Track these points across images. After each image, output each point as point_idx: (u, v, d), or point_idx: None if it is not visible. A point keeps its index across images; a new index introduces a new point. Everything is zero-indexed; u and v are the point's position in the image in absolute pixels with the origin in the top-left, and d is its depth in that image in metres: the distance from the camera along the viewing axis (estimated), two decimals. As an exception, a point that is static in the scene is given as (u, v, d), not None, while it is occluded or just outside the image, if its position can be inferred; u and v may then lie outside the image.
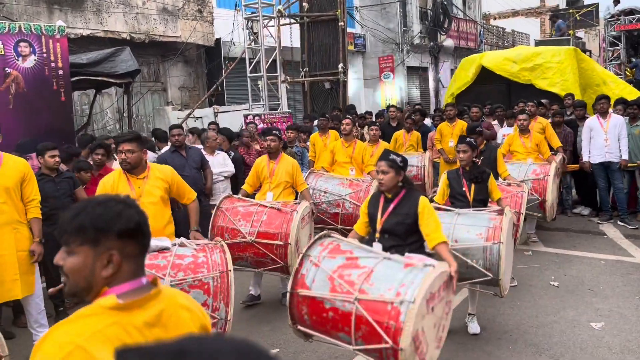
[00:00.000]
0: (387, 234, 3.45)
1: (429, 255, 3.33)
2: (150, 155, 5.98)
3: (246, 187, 5.34)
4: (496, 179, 5.68)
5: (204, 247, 3.53)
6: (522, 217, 5.16)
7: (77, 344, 1.20)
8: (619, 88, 10.80)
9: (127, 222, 1.32)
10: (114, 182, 3.81)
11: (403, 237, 3.42)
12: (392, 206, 3.47)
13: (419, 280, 2.75)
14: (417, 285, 2.71)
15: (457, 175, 4.66)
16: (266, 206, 4.82)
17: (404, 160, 3.52)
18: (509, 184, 5.47)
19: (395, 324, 2.66)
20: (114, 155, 6.43)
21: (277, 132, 5.48)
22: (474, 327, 4.42)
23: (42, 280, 4.80)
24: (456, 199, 4.61)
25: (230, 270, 3.39)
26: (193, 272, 3.31)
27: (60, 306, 5.04)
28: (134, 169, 3.79)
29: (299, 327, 3.13)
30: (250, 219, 4.71)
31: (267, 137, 5.39)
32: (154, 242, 3.36)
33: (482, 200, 4.59)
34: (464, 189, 4.57)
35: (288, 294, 3.12)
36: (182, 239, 3.61)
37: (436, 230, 3.36)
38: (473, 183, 4.56)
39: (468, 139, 4.55)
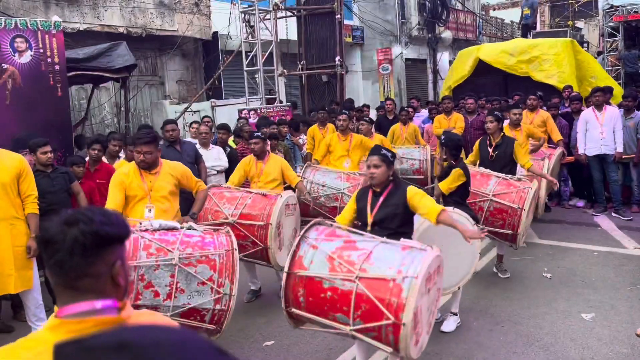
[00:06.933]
0: (378, 226, 3.53)
1: None
2: None
3: (230, 184, 5.33)
4: (514, 173, 5.56)
5: (211, 231, 3.69)
6: (524, 214, 5.06)
7: None
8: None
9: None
10: (129, 174, 4.07)
11: (394, 227, 3.49)
12: (381, 199, 3.56)
13: (419, 258, 2.84)
14: (418, 263, 2.80)
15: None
16: (252, 192, 4.97)
17: (394, 155, 3.62)
18: (519, 179, 5.38)
19: (397, 300, 2.72)
20: (119, 154, 6.44)
21: (259, 134, 5.54)
22: (449, 324, 4.41)
23: (40, 275, 4.86)
24: None
25: (235, 249, 3.55)
26: (200, 249, 3.45)
27: (58, 300, 5.09)
28: (150, 167, 4.05)
29: (293, 309, 3.16)
30: (235, 202, 4.87)
31: (251, 141, 5.47)
32: (164, 223, 3.58)
33: (456, 195, 4.53)
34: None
35: (284, 275, 3.14)
36: (191, 223, 3.77)
37: (432, 205, 3.44)
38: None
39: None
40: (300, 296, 3.08)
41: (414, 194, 3.49)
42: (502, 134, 5.66)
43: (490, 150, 5.65)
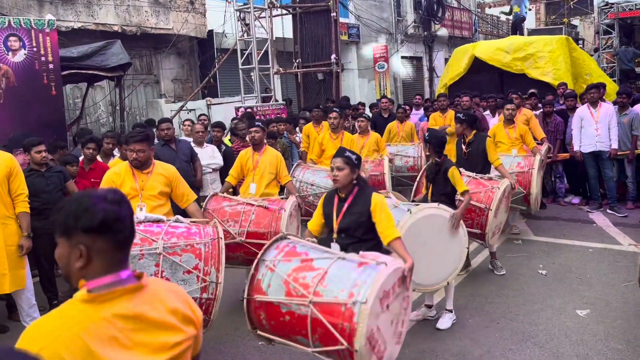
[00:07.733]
0: (344, 233, 3.42)
1: (387, 252, 3.27)
2: None
3: (229, 178, 5.33)
4: (488, 172, 5.68)
5: (198, 224, 3.68)
6: (490, 214, 5.05)
7: (48, 341, 1.25)
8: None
9: (90, 219, 1.34)
10: (120, 173, 4.05)
11: (359, 235, 3.39)
12: (346, 205, 3.44)
13: (370, 279, 2.73)
14: (368, 285, 2.70)
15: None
16: (253, 204, 4.79)
17: (359, 158, 3.48)
18: (490, 178, 5.40)
19: (349, 325, 2.65)
20: (113, 152, 6.42)
21: (260, 124, 5.47)
22: (444, 322, 4.41)
23: (34, 274, 4.85)
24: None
25: (220, 238, 3.52)
26: (185, 238, 3.45)
27: (54, 299, 5.09)
28: (142, 166, 4.03)
29: (259, 332, 3.13)
30: (238, 219, 4.71)
31: (251, 129, 5.40)
32: (150, 216, 3.60)
33: (444, 194, 4.51)
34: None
35: (245, 300, 3.11)
36: (178, 217, 3.76)
37: (389, 227, 3.30)
38: (430, 182, 4.59)
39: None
40: (262, 319, 3.05)
41: (376, 202, 3.35)
42: (473, 131, 5.69)
43: (463, 147, 5.72)
